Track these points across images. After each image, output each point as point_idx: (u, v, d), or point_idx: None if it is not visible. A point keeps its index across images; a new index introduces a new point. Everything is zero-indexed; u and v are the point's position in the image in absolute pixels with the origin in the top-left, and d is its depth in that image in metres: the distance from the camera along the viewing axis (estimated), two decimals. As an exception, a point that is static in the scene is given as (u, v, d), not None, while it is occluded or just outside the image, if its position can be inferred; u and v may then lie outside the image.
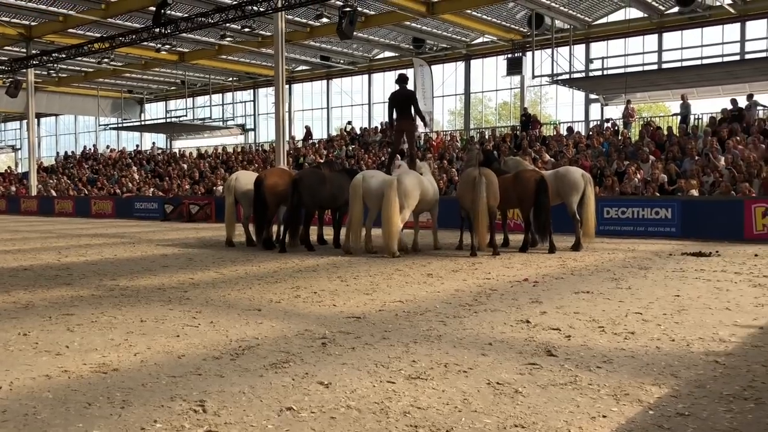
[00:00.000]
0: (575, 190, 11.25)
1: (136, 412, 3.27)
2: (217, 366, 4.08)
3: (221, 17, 19.44)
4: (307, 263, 9.64)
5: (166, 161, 31.77)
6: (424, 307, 6.00)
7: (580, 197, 11.28)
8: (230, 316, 5.67)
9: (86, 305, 6.21)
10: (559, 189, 11.36)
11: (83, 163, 35.76)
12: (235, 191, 12.64)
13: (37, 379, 3.84)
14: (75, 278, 8.12)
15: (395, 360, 4.20)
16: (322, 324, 5.30)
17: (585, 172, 11.88)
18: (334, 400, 3.44)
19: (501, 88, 29.45)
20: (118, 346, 4.59)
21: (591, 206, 11.35)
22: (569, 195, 11.31)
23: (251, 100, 37.19)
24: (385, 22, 24.10)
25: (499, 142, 21.19)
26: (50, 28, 25.46)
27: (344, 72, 32.73)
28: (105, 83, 37.05)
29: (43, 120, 45.95)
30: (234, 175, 13.41)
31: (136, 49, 26.60)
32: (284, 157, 21.41)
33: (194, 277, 8.23)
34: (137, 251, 11.72)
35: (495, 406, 3.32)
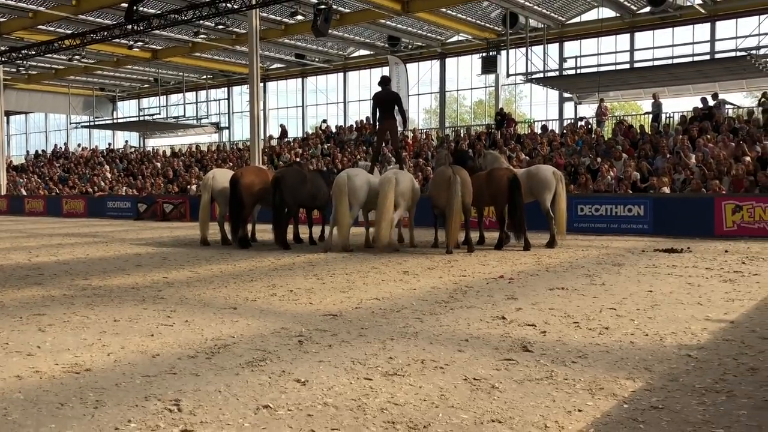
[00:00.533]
0: (547, 188, 11.42)
1: (110, 412, 3.22)
2: (193, 365, 4.04)
3: (194, 14, 19.26)
4: (282, 262, 9.59)
5: (139, 160, 31.41)
6: (401, 305, 6.01)
7: (553, 195, 11.41)
8: (205, 314, 5.62)
9: (58, 305, 6.12)
10: (532, 187, 11.51)
11: (54, 161, 35.21)
12: (212, 189, 12.49)
13: (7, 380, 3.77)
14: (46, 278, 7.99)
15: (372, 357, 4.19)
16: (298, 322, 5.28)
17: (556, 170, 12.05)
18: (311, 397, 3.42)
19: (476, 87, 29.61)
20: (91, 346, 4.53)
21: (563, 203, 11.54)
22: (542, 193, 11.47)
23: (225, 98, 36.90)
24: (361, 20, 24.07)
25: (474, 140, 21.28)
26: (19, 24, 24.99)
27: (319, 70, 32.63)
28: (76, 81, 36.48)
29: (13, 118, 45.10)
30: (210, 173, 13.27)
31: (107, 46, 26.25)
32: (259, 155, 21.29)
33: (169, 276, 8.14)
34: (110, 251, 11.56)
35: (472, 402, 3.33)
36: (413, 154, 21.50)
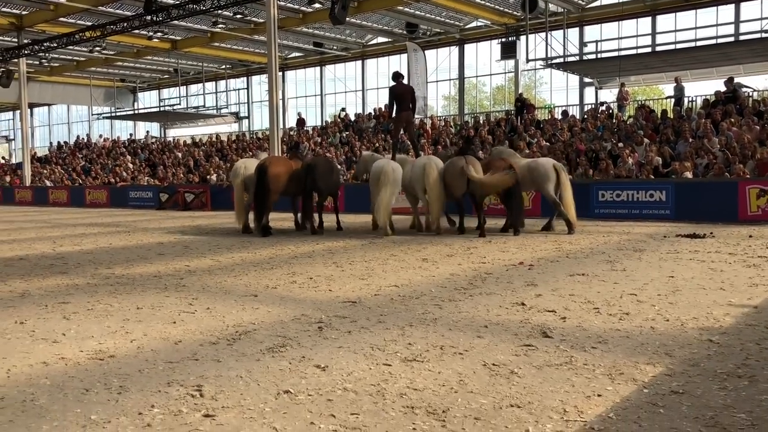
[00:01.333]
0: (548, 179, 11.70)
1: (134, 397, 3.28)
2: (214, 351, 4.09)
3: (213, 4, 19.32)
4: (302, 249, 9.64)
5: (160, 150, 31.67)
6: (420, 291, 6.02)
7: (557, 184, 11.68)
8: (227, 302, 5.68)
9: (82, 293, 6.22)
10: (533, 179, 11.86)
11: (77, 152, 35.62)
12: (245, 178, 12.49)
13: (34, 366, 3.85)
14: (70, 267, 8.11)
15: (391, 343, 4.22)
16: (318, 309, 5.31)
17: (557, 162, 12.40)
18: (331, 382, 3.45)
19: (495, 73, 29.40)
20: (115, 333, 4.60)
21: (568, 193, 11.69)
22: (543, 184, 11.78)
23: (245, 87, 37.03)
24: (378, 7, 23.98)
25: (493, 126, 21.16)
26: (41, 17, 25.27)
27: (337, 58, 32.60)
28: (97, 72, 36.82)
29: (36, 110, 45.68)
30: (241, 162, 13.28)
31: (127, 37, 26.45)
32: (278, 144, 21.34)
33: (190, 264, 8.23)
34: (133, 240, 11.70)
35: (491, 387, 3.34)
36: (432, 141, 21.43)
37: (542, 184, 11.73)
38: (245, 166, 12.76)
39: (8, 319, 5.13)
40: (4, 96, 32.99)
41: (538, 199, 15.26)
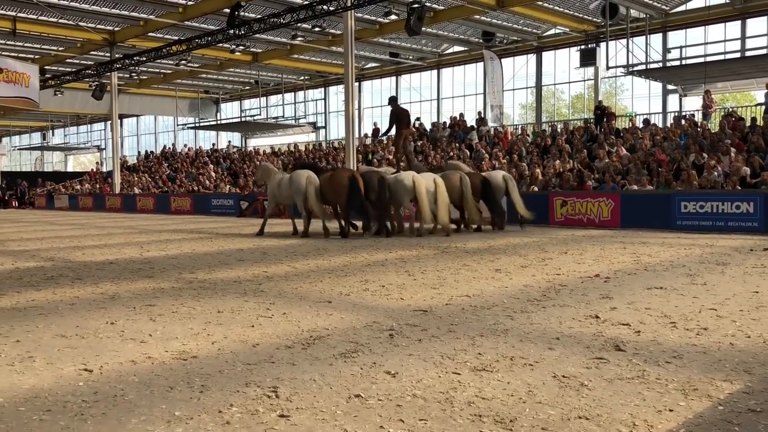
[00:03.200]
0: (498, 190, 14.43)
1: (214, 396, 3.46)
2: (290, 354, 4.25)
3: (293, 17, 19.85)
4: (375, 258, 9.79)
5: (241, 159, 32.69)
6: (491, 302, 6.03)
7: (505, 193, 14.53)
8: (302, 307, 5.86)
9: (167, 297, 6.54)
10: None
11: (163, 161, 37.21)
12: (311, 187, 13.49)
13: (123, 364, 4.10)
14: (156, 271, 8.53)
15: (461, 352, 4.26)
16: (389, 316, 5.41)
17: (506, 173, 15.30)
18: (401, 389, 3.54)
19: (574, 81, 28.88)
20: (197, 335, 4.84)
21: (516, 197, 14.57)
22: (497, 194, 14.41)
23: (322, 98, 37.78)
24: (455, 16, 24.03)
25: (569, 135, 20.81)
26: (132, 32, 26.62)
27: (413, 68, 32.80)
28: (183, 84, 38.39)
29: (126, 121, 48.05)
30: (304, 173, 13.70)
31: (211, 50, 27.50)
32: (354, 154, 21.67)
33: (268, 270, 8.50)
34: (214, 246, 12.16)
35: (560, 398, 3.34)
36: (506, 151, 21.26)
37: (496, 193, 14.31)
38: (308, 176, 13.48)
39: (100, 319, 5.47)
40: (97, 107, 34.90)
41: (618, 211, 14.93)
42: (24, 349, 4.50)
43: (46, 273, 8.49)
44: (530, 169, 18.69)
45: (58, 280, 7.84)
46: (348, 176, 13.24)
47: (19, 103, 21.87)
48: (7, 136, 56.47)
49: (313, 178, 13.46)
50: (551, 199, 16.23)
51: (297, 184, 13.44)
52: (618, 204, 14.99)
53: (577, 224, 15.54)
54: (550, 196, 16.36)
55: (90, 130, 51.69)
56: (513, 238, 12.62)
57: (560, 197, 16.10)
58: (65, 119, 48.52)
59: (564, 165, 18.26)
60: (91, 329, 5.08)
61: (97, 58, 30.36)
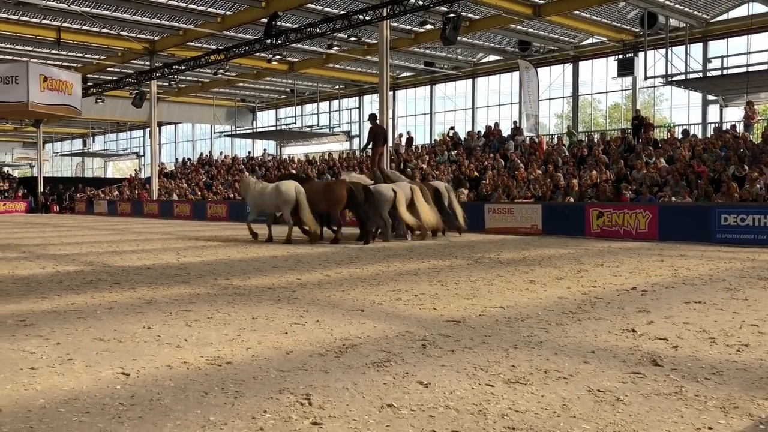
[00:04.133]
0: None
1: (248, 402, 3.49)
2: (323, 362, 4.27)
3: (329, 27, 20.02)
4: (408, 267, 9.78)
5: (276, 167, 33.01)
6: (526, 314, 5.97)
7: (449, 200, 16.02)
8: (335, 315, 5.88)
9: (203, 302, 6.63)
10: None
11: (200, 168, 37.76)
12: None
13: (160, 368, 4.17)
14: (192, 277, 8.65)
15: (494, 364, 4.23)
16: (422, 326, 5.40)
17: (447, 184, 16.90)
18: (433, 399, 3.53)
19: (611, 90, 28.56)
20: (232, 341, 4.89)
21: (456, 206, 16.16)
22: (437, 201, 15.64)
23: (356, 107, 37.98)
24: (490, 25, 23.97)
25: (606, 146, 20.55)
26: (171, 41, 27.12)
27: (448, 77, 32.79)
28: (220, 93, 38.96)
29: (164, 128, 48.94)
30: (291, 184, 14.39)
31: (248, 59, 27.85)
32: (387, 163, 21.70)
33: (302, 277, 8.55)
34: (249, 253, 12.29)
35: (595, 413, 3.29)
36: (542, 161, 21.09)
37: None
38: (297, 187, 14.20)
39: (137, 323, 5.57)
40: (136, 115, 35.63)
41: (655, 223, 14.69)
42: (64, 351, 4.60)
43: (85, 277, 8.67)
44: (566, 180, 18.50)
45: (97, 284, 8.00)
46: (347, 188, 14.12)
47: (62, 111, 22.40)
48: (50, 142, 57.93)
49: (301, 189, 14.18)
50: (587, 210, 16.04)
51: (287, 195, 14.07)
52: (656, 216, 14.75)
53: (614, 236, 15.33)
54: (586, 207, 16.17)
55: (129, 137, 52.75)
56: (548, 250, 12.50)
57: (596, 208, 15.91)
58: (106, 126, 49.61)
59: (601, 176, 18.04)
60: (129, 333, 5.17)
61: (137, 66, 30.98)
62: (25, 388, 3.75)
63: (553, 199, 17.74)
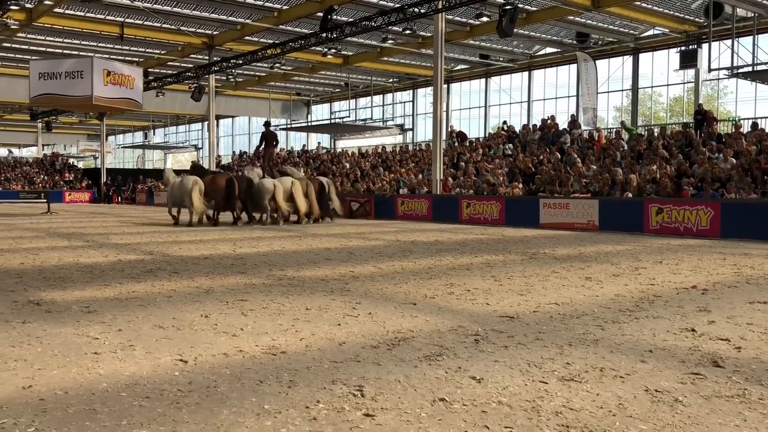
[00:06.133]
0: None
1: (302, 391, 3.54)
2: (375, 355, 4.29)
3: (384, 20, 20.03)
4: (461, 261, 9.73)
5: (330, 160, 33.27)
6: (581, 311, 5.87)
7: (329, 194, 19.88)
8: (387, 308, 5.91)
9: (258, 292, 6.74)
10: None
11: (256, 161, 38.34)
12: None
13: (216, 356, 4.26)
14: (248, 267, 8.81)
15: (548, 361, 4.18)
16: (475, 321, 5.37)
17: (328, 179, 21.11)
18: (486, 394, 3.50)
19: (673, 83, 27.76)
20: (286, 331, 4.96)
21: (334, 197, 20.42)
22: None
23: (410, 100, 37.93)
24: (548, 17, 23.59)
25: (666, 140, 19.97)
26: (229, 36, 27.61)
27: (503, 70, 32.42)
28: (276, 86, 39.49)
29: (222, 121, 49.89)
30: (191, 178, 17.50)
31: (304, 53, 28.13)
32: (440, 156, 21.63)
33: (354, 270, 8.61)
34: (303, 244, 12.44)
35: (652, 413, 3.22)
36: (598, 155, 20.64)
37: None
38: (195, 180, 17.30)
39: (195, 312, 5.71)
40: (195, 108, 36.42)
41: (717, 220, 14.24)
42: (125, 337, 4.76)
43: (145, 266, 8.93)
44: (624, 175, 18.07)
45: (157, 273, 8.23)
46: (226, 179, 17.80)
47: (124, 104, 23.07)
48: (113, 134, 59.84)
49: (199, 181, 17.28)
50: (646, 206, 15.65)
51: (185, 186, 17.23)
52: (718, 213, 14.28)
53: (673, 233, 14.92)
54: (645, 202, 15.78)
55: (188, 130, 54.03)
56: (605, 246, 12.27)
57: (655, 204, 15.50)
58: (165, 119, 50.96)
59: (660, 171, 17.56)
60: (187, 321, 5.31)
61: (196, 61, 31.66)
62: (89, 372, 3.89)
63: (610, 195, 17.36)
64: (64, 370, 3.91)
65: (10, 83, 34.74)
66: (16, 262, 9.37)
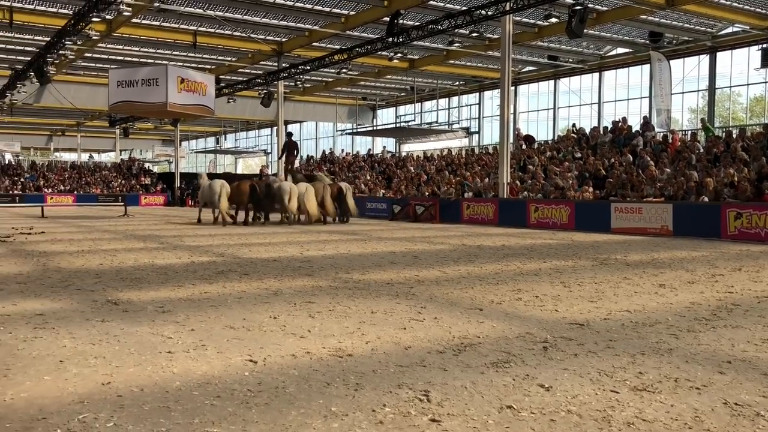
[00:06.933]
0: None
1: (368, 395, 3.56)
2: (441, 360, 4.27)
3: (450, 23, 19.96)
4: (528, 267, 9.59)
5: (395, 164, 33.38)
6: (654, 319, 5.69)
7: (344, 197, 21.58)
8: (453, 313, 5.87)
9: (325, 295, 6.82)
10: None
11: (322, 165, 38.85)
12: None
13: (285, 357, 4.33)
14: (315, 270, 8.93)
15: (620, 370, 4.06)
16: (543, 328, 5.28)
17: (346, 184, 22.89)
18: (555, 403, 3.44)
19: (753, 83, 26.58)
20: (352, 334, 5.00)
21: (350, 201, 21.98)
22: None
23: (476, 103, 37.65)
24: (619, 17, 22.98)
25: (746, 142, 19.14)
26: (297, 42, 28.08)
27: (572, 71, 31.79)
28: (342, 91, 39.89)
29: (289, 126, 50.74)
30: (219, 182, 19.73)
31: (370, 58, 28.30)
32: (507, 159, 21.37)
33: (419, 274, 8.61)
34: (368, 248, 12.51)
35: (731, 427, 3.08)
36: (672, 158, 19.96)
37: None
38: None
39: (264, 313, 5.82)
40: (264, 114, 37.23)
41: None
42: (197, 337, 4.89)
43: (217, 267, 9.17)
44: (700, 178, 17.42)
45: (228, 274, 8.44)
46: (249, 185, 19.95)
47: (197, 111, 23.76)
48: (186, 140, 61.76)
49: (226, 184, 19.54)
50: (723, 210, 15.03)
51: (214, 189, 19.49)
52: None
53: (753, 239, 14.28)
54: (723, 207, 15.16)
55: (258, 135, 55.22)
56: (679, 252, 11.85)
57: (734, 209, 14.87)
58: (236, 125, 52.22)
59: (739, 174, 16.84)
60: (256, 322, 5.42)
61: (265, 67, 32.33)
62: (163, 370, 4.02)
63: (685, 199, 16.77)
64: (140, 368, 4.05)
65: (91, 92, 36.33)
66: (95, 262, 9.79)
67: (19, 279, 7.97)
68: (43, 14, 23.99)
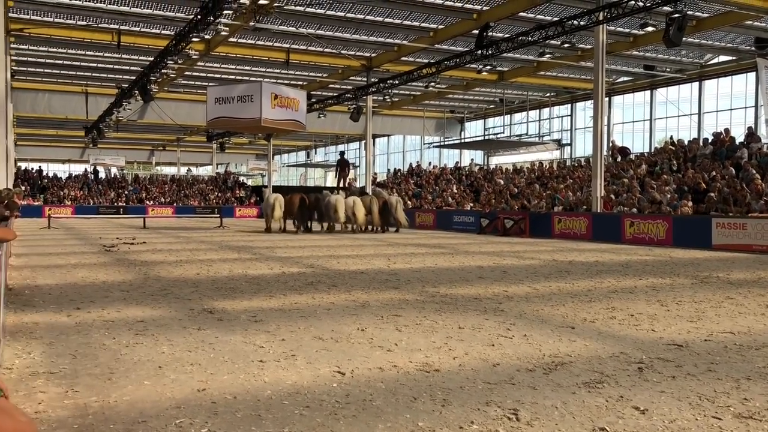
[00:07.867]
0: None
1: (455, 411, 3.52)
2: (530, 378, 4.18)
3: (541, 35, 19.66)
4: (623, 284, 9.25)
5: (483, 177, 33.08)
6: (761, 341, 5.35)
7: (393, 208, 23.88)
8: (543, 330, 5.74)
9: (411, 308, 6.82)
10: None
11: (409, 178, 39.02)
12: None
13: (372, 370, 4.36)
14: (402, 283, 8.95)
15: (723, 395, 3.84)
16: (638, 348, 5.07)
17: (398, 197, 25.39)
18: (651, 427, 3.29)
19: None
20: (439, 349, 4.97)
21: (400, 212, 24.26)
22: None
23: (568, 114, 36.82)
24: (721, 23, 21.94)
25: None
26: (386, 57, 28.39)
27: (670, 80, 30.57)
28: (430, 105, 39.98)
29: (377, 140, 51.33)
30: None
31: (458, 71, 28.25)
32: (601, 172, 20.77)
33: (508, 289, 8.47)
34: (455, 261, 12.43)
35: None
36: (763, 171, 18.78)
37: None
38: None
39: (352, 325, 5.88)
40: (353, 128, 37.76)
41: None
42: (288, 347, 5.00)
43: (306, 279, 9.36)
44: (811, 192, 16.32)
45: (317, 286, 8.60)
46: (299, 197, 23.06)
47: (290, 126, 24.42)
48: (278, 154, 63.56)
49: (280, 197, 22.98)
50: (839, 226, 14.00)
51: (269, 201, 23.30)
52: None
53: None
54: (838, 223, 14.12)
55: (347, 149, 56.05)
56: (788, 270, 11.08)
57: None
58: (326, 139, 53.29)
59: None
60: (344, 334, 5.48)
61: (355, 82, 32.87)
62: (255, 379, 4.13)
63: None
64: (233, 376, 4.18)
65: (190, 108, 38.06)
66: (192, 272, 10.20)
67: (123, 287, 8.41)
68: (148, 36, 25.37)
